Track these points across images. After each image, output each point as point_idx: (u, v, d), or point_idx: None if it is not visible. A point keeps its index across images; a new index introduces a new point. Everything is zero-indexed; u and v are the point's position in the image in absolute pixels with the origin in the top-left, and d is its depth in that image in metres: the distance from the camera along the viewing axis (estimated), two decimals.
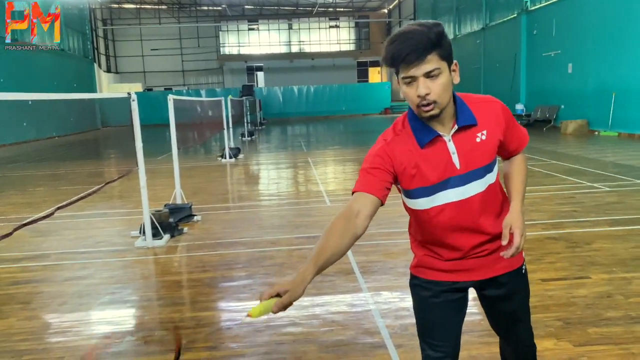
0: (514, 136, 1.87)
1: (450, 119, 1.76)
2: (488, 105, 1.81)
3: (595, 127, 17.46)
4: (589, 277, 4.24)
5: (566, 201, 7.11)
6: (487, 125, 1.78)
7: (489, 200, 1.83)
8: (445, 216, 1.81)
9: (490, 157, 1.79)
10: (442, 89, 1.66)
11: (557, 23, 20.04)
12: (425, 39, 1.61)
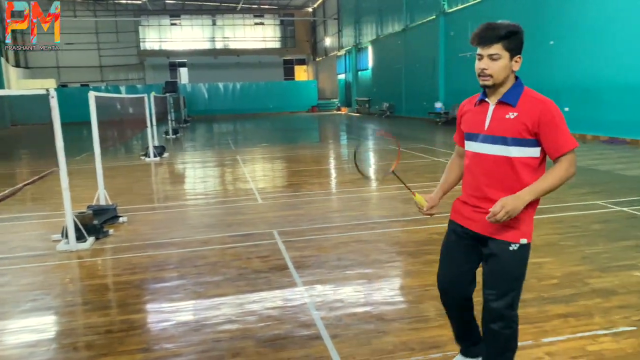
0: (549, 138, 2.22)
1: (500, 94, 2.33)
2: (536, 101, 2.27)
3: None
4: None
5: None
6: (522, 111, 2.25)
7: (501, 169, 2.30)
8: (469, 160, 2.44)
9: (512, 134, 2.25)
10: (498, 69, 2.27)
11: (472, 25, 21.14)
12: (497, 33, 2.26)
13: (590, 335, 3.19)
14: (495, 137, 2.29)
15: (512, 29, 2.29)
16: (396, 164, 2.73)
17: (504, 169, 2.29)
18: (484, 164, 2.35)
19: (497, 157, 2.29)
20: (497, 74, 2.27)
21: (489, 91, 2.36)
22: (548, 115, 2.20)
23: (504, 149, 2.27)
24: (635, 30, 12.92)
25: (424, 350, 3.08)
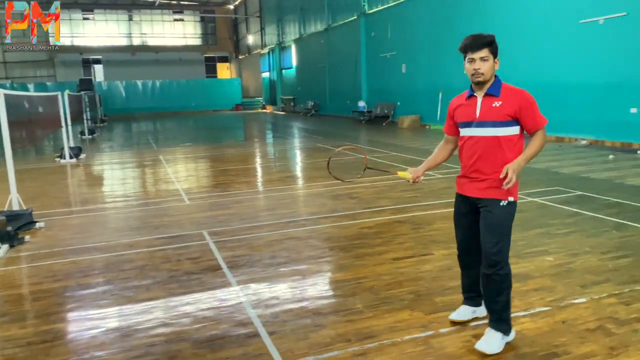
0: (528, 119, 2.92)
1: (486, 89, 2.99)
2: (515, 92, 2.96)
3: (427, 122, 19.43)
4: (432, 253, 4.79)
5: (408, 188, 7.86)
6: (505, 100, 2.93)
7: (494, 149, 2.95)
8: (464, 142, 3.08)
9: (498, 118, 2.92)
10: (487, 68, 2.92)
11: (391, 26, 21.82)
12: (484, 40, 2.91)
13: (512, 317, 3.43)
14: (486, 122, 2.96)
15: (492, 38, 2.95)
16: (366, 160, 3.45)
17: (493, 147, 2.95)
18: (478, 144, 2.99)
19: (488, 137, 2.96)
20: (487, 72, 2.93)
21: (476, 87, 3.01)
22: (526, 102, 2.91)
23: (493, 130, 2.94)
24: (541, 33, 13.92)
25: (360, 341, 3.17)
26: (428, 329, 3.31)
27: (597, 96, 12.29)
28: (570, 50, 12.97)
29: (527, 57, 14.37)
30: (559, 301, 3.64)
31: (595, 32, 12.21)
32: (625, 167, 9.25)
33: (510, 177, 2.80)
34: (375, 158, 11.50)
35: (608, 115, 12.03)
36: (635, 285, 3.86)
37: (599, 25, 12.14)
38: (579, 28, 12.61)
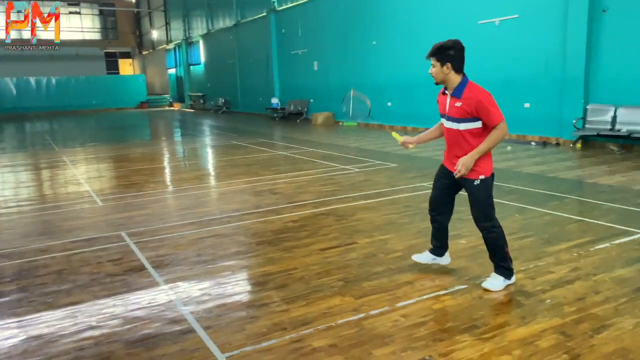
0: (484, 117, 3.46)
1: (452, 89, 3.58)
2: (473, 94, 3.47)
3: (340, 119, 19.89)
4: (356, 242, 4.98)
5: (327, 182, 8.06)
6: (464, 102, 3.49)
7: (459, 138, 3.60)
8: (445, 131, 3.74)
9: (458, 115, 3.53)
10: (435, 73, 3.57)
11: (302, 24, 22.05)
12: (432, 50, 3.54)
13: (434, 296, 3.69)
14: (451, 117, 3.59)
15: (440, 46, 3.53)
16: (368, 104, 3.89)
17: (458, 137, 3.60)
18: (449, 133, 3.66)
19: (453, 129, 3.61)
20: (436, 76, 3.58)
21: (446, 87, 3.63)
22: (480, 104, 3.44)
23: (456, 125, 3.57)
24: (443, 33, 14.75)
25: (296, 328, 3.26)
26: (359, 312, 3.46)
27: (495, 92, 13.19)
28: (470, 49, 13.83)
29: None
30: (475, 279, 3.96)
31: (492, 32, 13.18)
32: (522, 157, 10.11)
33: (459, 169, 3.52)
34: (292, 154, 11.63)
35: (505, 110, 12.92)
36: (539, 262, 4.29)
37: (495, 26, 13.11)
38: (477, 28, 13.54)
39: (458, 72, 3.53)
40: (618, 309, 3.38)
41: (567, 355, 2.84)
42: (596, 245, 4.65)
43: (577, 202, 6.46)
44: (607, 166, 8.76)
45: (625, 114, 10.46)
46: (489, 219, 3.66)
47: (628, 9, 10.33)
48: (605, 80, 10.87)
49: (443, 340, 3.05)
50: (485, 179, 3.59)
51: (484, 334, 3.10)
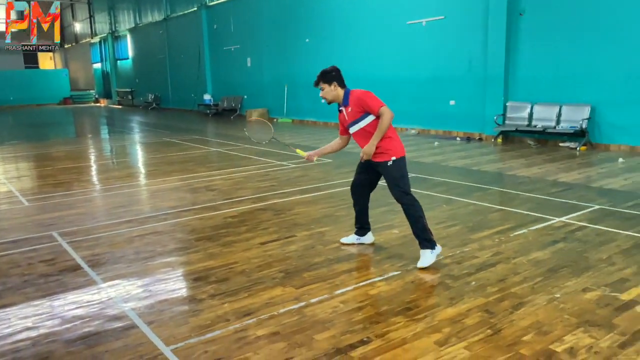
0: (368, 108, 4.12)
1: (341, 102, 4.30)
2: (355, 95, 4.19)
3: (274, 115, 19.94)
4: (295, 235, 5.12)
5: (264, 178, 8.14)
6: (352, 105, 4.22)
7: (364, 134, 4.20)
8: (354, 137, 4.36)
9: (355, 118, 4.20)
10: (325, 94, 4.30)
11: (234, 20, 21.86)
12: (317, 79, 4.35)
13: (370, 283, 3.90)
14: (352, 122, 4.25)
15: (323, 72, 4.33)
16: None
17: (363, 134, 4.22)
18: (357, 135, 4.27)
19: (358, 130, 4.25)
20: (327, 97, 4.31)
21: (338, 103, 4.32)
22: (359, 100, 4.16)
23: (357, 125, 4.22)
24: (375, 32, 15.17)
25: (239, 319, 3.35)
26: (300, 300, 3.61)
27: (423, 90, 13.84)
28: (400, 48, 14.38)
29: (364, 54, 15.56)
30: (407, 266, 4.21)
31: (420, 32, 13.73)
32: (448, 151, 10.65)
33: (361, 157, 4.21)
34: (228, 151, 11.59)
35: (432, 107, 13.64)
36: (464, 248, 4.62)
37: (422, 26, 13.66)
38: (406, 28, 14.05)
39: (342, 87, 4.27)
40: (534, 287, 3.73)
41: (490, 330, 3.12)
42: (515, 231, 5.05)
43: (498, 193, 6.94)
44: (525, 159, 9.42)
45: (541, 110, 11.28)
46: (405, 194, 4.16)
47: (542, 13, 11.13)
48: (523, 79, 11.65)
49: (379, 322, 3.25)
50: (397, 160, 4.15)
51: (416, 315, 3.33)
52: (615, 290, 3.63)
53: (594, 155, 9.77)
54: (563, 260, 4.23)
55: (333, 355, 2.88)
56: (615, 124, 10.27)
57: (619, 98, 10.11)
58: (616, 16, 9.97)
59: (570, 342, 2.95)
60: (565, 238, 4.81)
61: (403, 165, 4.19)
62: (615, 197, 6.31)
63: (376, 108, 4.07)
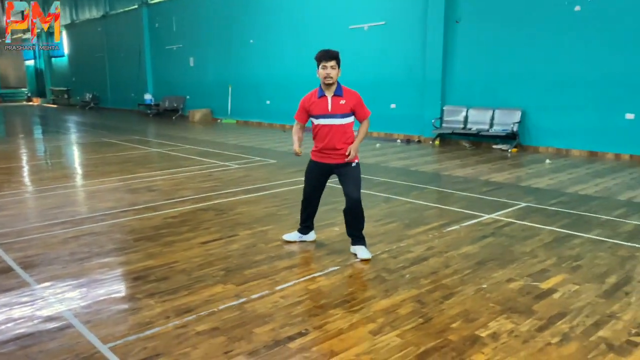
0: (360, 112, 4.32)
1: (333, 91, 4.26)
2: (352, 93, 4.31)
3: (218, 116, 19.77)
4: (237, 234, 5.16)
5: (206, 178, 8.10)
6: (347, 98, 4.27)
7: (340, 131, 4.26)
8: (319, 129, 4.32)
9: (342, 112, 4.24)
10: (335, 74, 4.18)
11: (177, 19, 21.50)
12: (334, 54, 4.20)
13: (310, 278, 4.00)
14: (336, 115, 4.25)
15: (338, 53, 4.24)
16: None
17: (340, 130, 4.27)
18: (332, 130, 4.25)
19: (337, 125, 4.26)
20: (335, 77, 4.18)
21: (326, 89, 4.26)
22: (358, 101, 4.32)
23: (339, 120, 4.24)
24: (318, 36, 15.36)
25: (179, 316, 3.37)
26: (241, 297, 3.66)
27: (365, 94, 14.08)
28: (342, 52, 14.60)
29: (308, 56, 15.72)
30: (346, 261, 4.35)
31: (362, 37, 14.04)
32: (389, 153, 10.97)
33: (352, 155, 4.24)
34: (169, 151, 11.41)
35: (374, 110, 13.90)
36: (400, 243, 4.82)
37: (364, 31, 13.98)
38: (349, 33, 14.32)
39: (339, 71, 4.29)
40: (463, 279, 3.96)
41: (422, 319, 3.30)
42: (448, 227, 5.32)
43: (434, 192, 7.25)
44: (460, 160, 9.86)
45: (475, 114, 11.82)
46: (360, 196, 4.40)
47: (477, 21, 11.68)
48: (459, 84, 12.17)
49: (318, 315, 3.37)
50: (358, 162, 4.43)
51: (353, 307, 3.47)
52: (536, 280, 3.92)
53: (524, 156, 10.35)
54: (491, 254, 4.51)
55: (272, 347, 2.96)
56: (543, 128, 10.92)
57: (547, 103, 10.77)
58: (544, 26, 10.61)
59: (494, 328, 3.17)
60: (494, 233, 5.11)
61: (360, 171, 4.45)
62: (541, 196, 6.74)
63: (368, 114, 4.37)
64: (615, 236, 5.00)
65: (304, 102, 4.38)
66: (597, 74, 9.97)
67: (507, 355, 2.85)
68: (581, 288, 3.77)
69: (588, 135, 10.27)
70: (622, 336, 3.06)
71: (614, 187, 7.28)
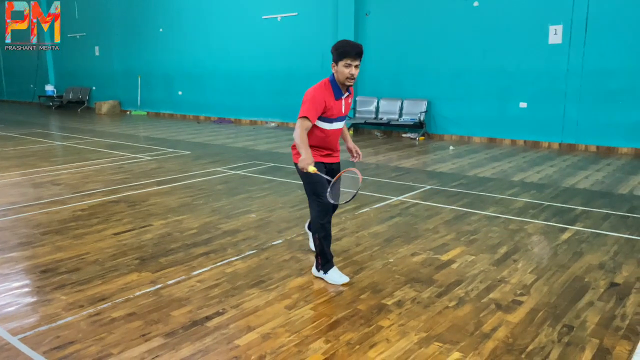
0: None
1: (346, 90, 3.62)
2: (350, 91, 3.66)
3: (127, 107, 19.01)
4: (151, 224, 5.10)
5: (116, 171, 7.86)
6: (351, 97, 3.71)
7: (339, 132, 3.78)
8: (331, 132, 3.67)
9: (348, 112, 3.71)
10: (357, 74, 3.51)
11: (79, 5, 20.32)
12: (362, 51, 3.47)
13: (227, 262, 4.09)
14: (344, 117, 3.73)
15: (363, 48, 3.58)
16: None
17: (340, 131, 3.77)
18: (336, 133, 3.71)
19: (342, 127, 3.81)
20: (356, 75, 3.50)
21: (344, 89, 3.59)
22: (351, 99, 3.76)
23: (344, 121, 3.78)
24: (229, 27, 15.22)
25: (93, 304, 3.33)
26: (157, 283, 3.68)
27: (279, 84, 14.27)
28: (255, 42, 14.63)
29: (220, 46, 15.55)
30: (262, 245, 4.48)
31: (275, 27, 14.11)
32: None
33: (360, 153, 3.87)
34: (75, 145, 10.88)
35: (285, 101, 14.10)
36: None
37: (277, 21, 14.06)
38: (262, 23, 14.33)
39: None
40: (372, 255, 4.23)
41: (334, 292, 3.51)
42: (360, 210, 5.60)
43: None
44: (372, 148, 10.28)
45: (385, 105, 12.34)
46: None
47: (385, 14, 12.16)
48: (370, 76, 12.61)
49: (234, 295, 3.47)
50: None
51: (269, 286, 3.61)
52: (437, 253, 4.27)
53: (430, 144, 10.98)
54: (397, 232, 4.83)
55: (189, 327, 3.03)
56: (447, 117, 11.63)
57: (449, 94, 11.47)
58: (446, 20, 11.28)
59: (398, 297, 3.44)
60: (401, 213, 5.46)
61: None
62: (444, 179, 7.24)
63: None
64: (508, 212, 5.52)
65: (323, 99, 3.49)
66: (494, 65, 10.77)
67: (409, 320, 3.12)
68: (476, 258, 4.16)
69: (487, 123, 11.09)
70: (509, 297, 3.45)
71: (509, 169, 7.96)
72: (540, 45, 10.11)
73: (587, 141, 9.86)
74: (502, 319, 3.13)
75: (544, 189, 6.60)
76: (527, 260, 4.11)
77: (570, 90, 9.90)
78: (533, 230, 4.90)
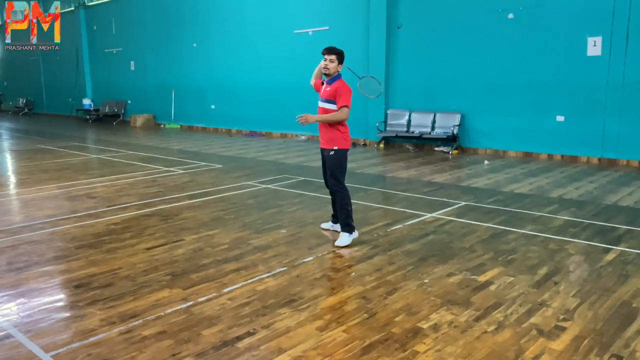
0: (337, 100, 4.70)
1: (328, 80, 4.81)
2: (337, 84, 4.73)
3: (161, 121, 19.36)
4: (183, 239, 5.11)
5: (150, 184, 7.95)
6: (331, 88, 4.75)
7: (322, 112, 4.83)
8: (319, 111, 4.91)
9: (330, 97, 4.76)
10: (331, 67, 4.75)
11: (116, 21, 20.92)
12: (333, 49, 4.78)
13: (258, 280, 4.04)
14: (323, 99, 4.84)
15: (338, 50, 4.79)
16: None
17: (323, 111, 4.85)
18: (319, 110, 4.88)
19: (323, 108, 4.86)
20: (331, 70, 4.75)
21: (326, 77, 4.81)
22: (337, 90, 4.70)
23: (323, 104, 4.84)
24: (261, 40, 15.37)
25: (125, 321, 3.32)
26: (188, 300, 3.65)
27: (310, 97, 14.26)
28: (287, 56, 14.72)
29: (252, 60, 15.71)
30: (293, 262, 4.42)
31: (307, 41, 14.17)
32: None
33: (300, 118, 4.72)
34: (110, 157, 11.10)
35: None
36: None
37: (309, 35, 14.12)
38: (294, 37, 14.43)
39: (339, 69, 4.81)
40: (406, 275, 4.11)
41: (367, 314, 3.41)
42: (392, 226, 5.49)
43: (379, 193, 7.44)
44: (403, 162, 10.15)
45: (417, 118, 12.19)
46: (337, 182, 4.82)
47: (418, 27, 12.06)
48: (401, 88, 12.51)
49: (265, 315, 3.41)
50: (338, 150, 4.78)
51: (300, 306, 3.54)
52: (474, 274, 4.12)
53: (464, 158, 10.78)
54: (432, 250, 4.70)
55: (220, 347, 2.98)
56: (481, 130, 11.41)
57: (484, 107, 11.26)
58: (480, 32, 11.11)
59: (434, 320, 3.32)
60: (435, 231, 5.32)
61: (341, 158, 4.80)
62: (479, 195, 7.06)
63: (341, 104, 4.67)
64: (547, 230, 5.32)
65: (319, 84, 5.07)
66: (529, 78, 10.53)
67: (446, 345, 3.00)
68: (515, 279, 4.00)
69: (523, 137, 10.82)
70: (551, 322, 3.28)
71: (546, 185, 7.72)
72: (578, 57, 9.84)
73: (629, 156, 9.50)
74: (545, 346, 2.98)
75: (584, 206, 6.36)
76: (569, 283, 3.93)
77: (610, 103, 9.58)
78: (574, 251, 4.70)
